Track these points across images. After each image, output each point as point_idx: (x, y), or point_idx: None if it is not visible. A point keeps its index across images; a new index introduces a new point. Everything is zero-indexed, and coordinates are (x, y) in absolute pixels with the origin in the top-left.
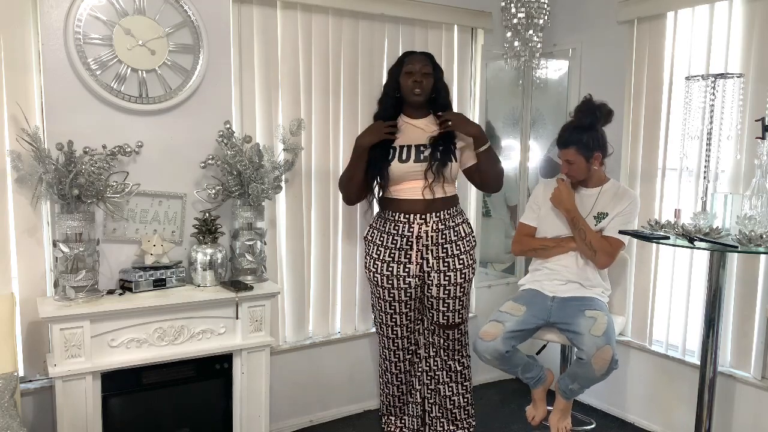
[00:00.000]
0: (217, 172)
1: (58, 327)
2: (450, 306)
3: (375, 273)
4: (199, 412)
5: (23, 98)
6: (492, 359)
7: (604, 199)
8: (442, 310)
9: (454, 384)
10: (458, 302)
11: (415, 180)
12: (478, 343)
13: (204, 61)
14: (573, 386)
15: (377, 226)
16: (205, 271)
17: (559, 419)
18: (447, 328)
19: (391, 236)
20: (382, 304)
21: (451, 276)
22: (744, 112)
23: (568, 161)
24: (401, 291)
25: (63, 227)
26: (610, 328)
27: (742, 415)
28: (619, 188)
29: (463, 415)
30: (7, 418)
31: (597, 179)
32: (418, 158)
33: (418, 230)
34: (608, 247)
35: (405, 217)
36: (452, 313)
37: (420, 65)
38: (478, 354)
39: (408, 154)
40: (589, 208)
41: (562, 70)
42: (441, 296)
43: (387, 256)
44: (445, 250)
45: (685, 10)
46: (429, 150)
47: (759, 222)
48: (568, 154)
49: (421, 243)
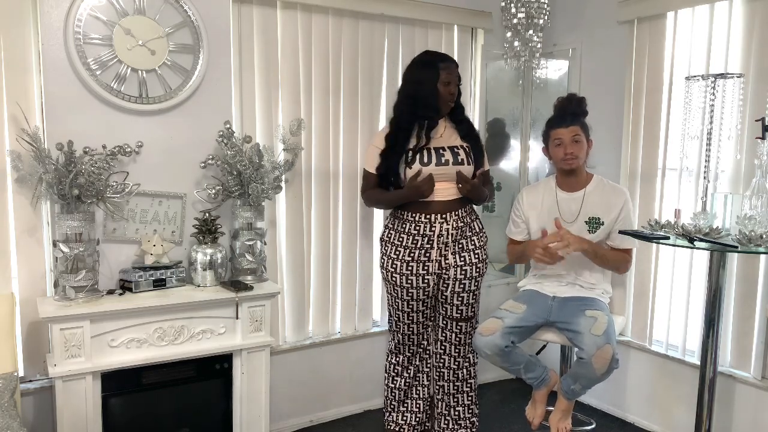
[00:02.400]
0: (217, 172)
1: (58, 327)
2: (464, 299)
3: (394, 273)
4: (199, 412)
5: (23, 98)
6: (491, 354)
7: (591, 202)
8: (456, 304)
9: (460, 382)
10: (472, 296)
11: (436, 183)
12: (477, 338)
13: (204, 61)
14: (575, 387)
15: (394, 227)
16: (205, 271)
17: (560, 419)
18: (460, 320)
19: (411, 236)
20: (400, 303)
21: (467, 270)
22: (744, 112)
23: (575, 138)
24: (420, 290)
25: (63, 227)
26: (610, 328)
27: (742, 415)
28: (605, 187)
29: (467, 414)
30: (7, 418)
31: (581, 179)
32: (440, 161)
33: (439, 229)
34: (624, 260)
35: (426, 217)
36: (466, 307)
37: (455, 75)
38: (478, 350)
39: (429, 156)
40: (576, 212)
41: (562, 70)
42: (457, 290)
43: (407, 255)
44: (461, 246)
45: (685, 10)
46: (449, 153)
47: (759, 222)
48: (575, 130)
49: (442, 241)
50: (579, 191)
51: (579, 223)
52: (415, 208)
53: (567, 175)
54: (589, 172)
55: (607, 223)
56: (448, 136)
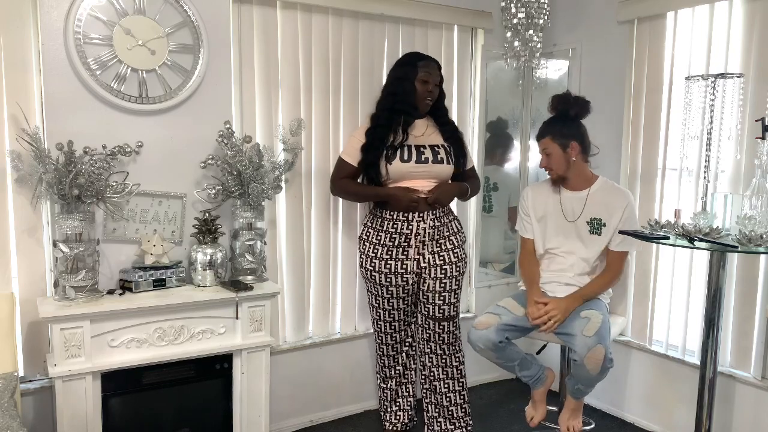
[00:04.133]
0: (217, 172)
1: (58, 327)
2: (445, 299)
3: (372, 271)
4: (199, 412)
5: (23, 98)
6: (485, 349)
7: (594, 202)
8: (438, 303)
9: (450, 381)
10: (453, 295)
11: (414, 180)
12: (472, 332)
13: (204, 61)
14: (579, 386)
15: (373, 225)
16: (205, 271)
17: (569, 418)
18: (443, 320)
19: (389, 234)
20: (380, 300)
21: (447, 269)
22: (744, 112)
23: (545, 151)
24: (399, 288)
25: (63, 227)
26: (603, 327)
27: (742, 415)
28: (610, 188)
29: (460, 413)
30: (7, 418)
31: (584, 179)
32: (420, 159)
33: (416, 227)
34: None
35: (404, 215)
36: (447, 306)
37: (435, 75)
38: (472, 344)
39: (410, 154)
40: (579, 212)
41: (562, 70)
42: (437, 289)
43: (385, 253)
44: (440, 245)
45: (685, 10)
46: (429, 151)
47: (759, 222)
48: (544, 143)
49: (419, 239)
50: (583, 191)
51: (581, 223)
52: (394, 207)
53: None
54: (595, 173)
55: (610, 226)
56: (429, 135)
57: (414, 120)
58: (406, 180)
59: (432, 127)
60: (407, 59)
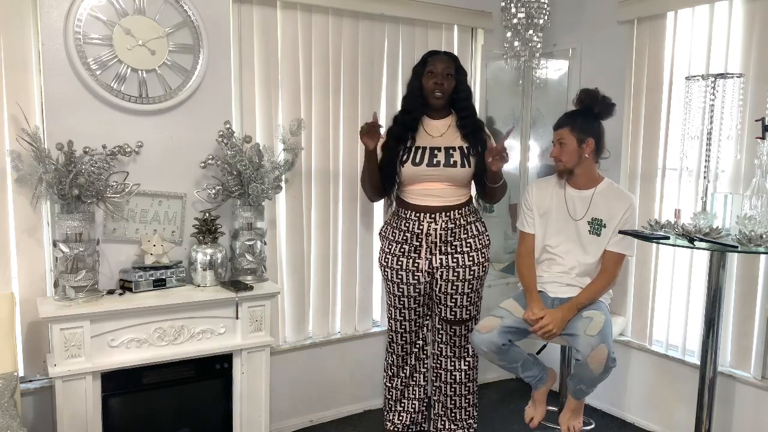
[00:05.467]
0: (217, 172)
1: (58, 327)
2: (458, 302)
3: (386, 267)
4: (199, 412)
5: (23, 98)
6: (488, 351)
7: (598, 202)
8: (449, 306)
9: (458, 385)
10: (466, 298)
11: (427, 182)
12: (475, 335)
13: (204, 61)
14: (580, 386)
15: (391, 222)
16: (205, 271)
17: (570, 418)
18: (454, 323)
19: (402, 233)
20: (392, 298)
21: (460, 272)
22: (744, 112)
23: (560, 141)
24: (410, 286)
25: (63, 227)
26: (606, 327)
27: (742, 415)
28: (614, 190)
29: (464, 416)
30: (7, 418)
31: (591, 179)
32: (431, 162)
33: (427, 228)
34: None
35: (416, 215)
36: (460, 309)
37: (443, 66)
38: (475, 347)
39: (422, 156)
40: (584, 211)
41: (561, 70)
42: (449, 291)
43: (398, 251)
44: (454, 247)
45: (685, 10)
46: (443, 154)
47: (759, 222)
48: (561, 133)
49: (430, 240)
50: (589, 190)
51: (582, 223)
52: (408, 205)
53: (568, 173)
54: (601, 174)
55: (610, 228)
56: (447, 136)
57: (430, 120)
58: (418, 182)
59: (453, 126)
60: (421, 59)
